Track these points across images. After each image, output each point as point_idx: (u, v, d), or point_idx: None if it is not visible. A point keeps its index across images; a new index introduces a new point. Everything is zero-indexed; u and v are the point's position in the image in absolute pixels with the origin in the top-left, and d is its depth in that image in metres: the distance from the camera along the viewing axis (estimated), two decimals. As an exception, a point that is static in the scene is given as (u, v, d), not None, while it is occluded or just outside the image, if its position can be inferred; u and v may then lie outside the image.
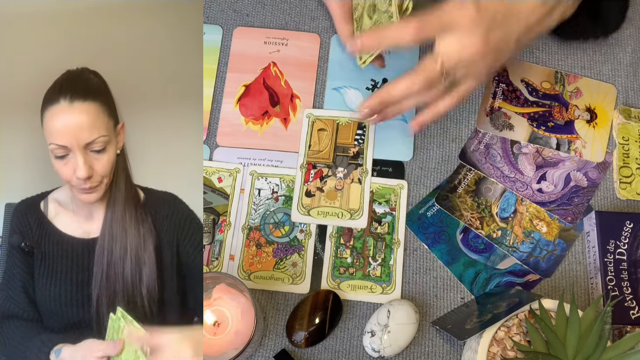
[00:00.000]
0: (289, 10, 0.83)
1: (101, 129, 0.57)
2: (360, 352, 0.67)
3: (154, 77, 0.76)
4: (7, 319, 0.60)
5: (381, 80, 0.79)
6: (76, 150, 0.56)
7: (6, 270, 0.61)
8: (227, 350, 0.59)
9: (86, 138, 0.56)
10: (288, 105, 0.78)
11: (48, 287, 0.60)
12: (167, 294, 0.60)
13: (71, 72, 0.59)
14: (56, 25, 0.75)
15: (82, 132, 0.55)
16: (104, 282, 0.58)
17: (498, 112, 0.77)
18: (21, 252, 0.61)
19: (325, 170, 0.74)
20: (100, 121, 0.57)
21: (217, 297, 0.61)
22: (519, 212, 0.72)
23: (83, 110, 0.55)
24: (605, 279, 0.68)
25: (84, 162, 0.56)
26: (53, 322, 0.60)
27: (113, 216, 0.59)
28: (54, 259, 0.60)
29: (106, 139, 0.57)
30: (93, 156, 0.57)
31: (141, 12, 0.77)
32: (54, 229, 0.61)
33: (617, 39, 0.81)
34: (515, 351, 0.59)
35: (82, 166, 0.55)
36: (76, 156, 0.56)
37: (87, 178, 0.56)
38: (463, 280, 0.70)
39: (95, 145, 0.56)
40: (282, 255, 0.71)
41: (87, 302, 0.59)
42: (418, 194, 0.74)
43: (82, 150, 0.56)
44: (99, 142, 0.56)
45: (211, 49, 0.80)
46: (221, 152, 0.76)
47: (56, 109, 0.56)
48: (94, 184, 0.57)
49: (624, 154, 0.75)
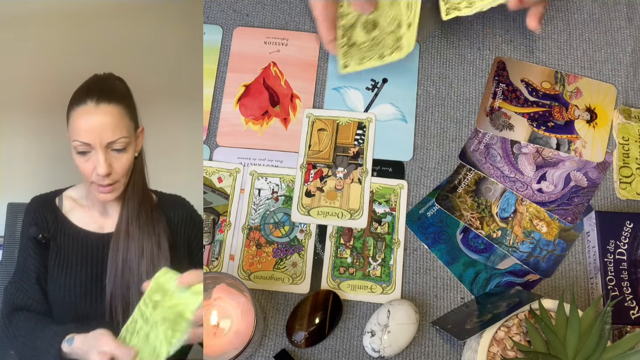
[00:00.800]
0: (289, 10, 0.83)
1: (123, 130, 0.60)
2: (360, 352, 0.67)
3: (154, 77, 0.77)
4: (18, 311, 0.61)
5: (381, 80, 0.79)
6: (98, 148, 0.59)
7: (19, 263, 0.63)
8: (227, 350, 0.59)
9: (109, 137, 0.59)
10: (288, 105, 0.78)
11: (63, 279, 0.62)
12: None
13: (98, 76, 0.62)
14: (57, 26, 0.76)
15: (106, 132, 0.59)
16: (119, 278, 0.60)
17: (498, 112, 0.77)
18: (36, 244, 0.63)
19: (325, 170, 0.75)
20: (123, 123, 0.60)
21: (217, 297, 0.61)
22: (519, 212, 0.72)
23: (108, 112, 0.59)
24: (605, 279, 0.68)
25: (105, 160, 0.59)
26: (64, 315, 0.62)
27: (129, 215, 0.62)
28: (69, 251, 0.63)
29: (127, 140, 0.60)
30: (113, 155, 0.60)
31: (141, 12, 0.77)
32: (69, 223, 0.64)
33: (617, 39, 0.81)
34: (515, 351, 0.59)
35: (103, 164, 0.59)
36: (97, 154, 0.59)
37: (107, 175, 0.59)
38: (463, 280, 0.70)
39: (117, 145, 0.60)
40: (282, 255, 0.71)
41: (100, 295, 0.61)
42: (418, 194, 0.74)
43: (103, 149, 0.59)
44: (120, 142, 0.60)
45: (211, 49, 0.80)
46: (221, 152, 0.76)
47: (83, 109, 0.59)
48: (111, 182, 0.60)
49: (624, 154, 0.75)
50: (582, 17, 0.82)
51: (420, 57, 0.80)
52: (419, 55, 0.80)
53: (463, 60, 0.80)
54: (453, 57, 0.80)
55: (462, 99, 0.78)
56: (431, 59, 0.80)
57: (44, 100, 0.75)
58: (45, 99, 0.75)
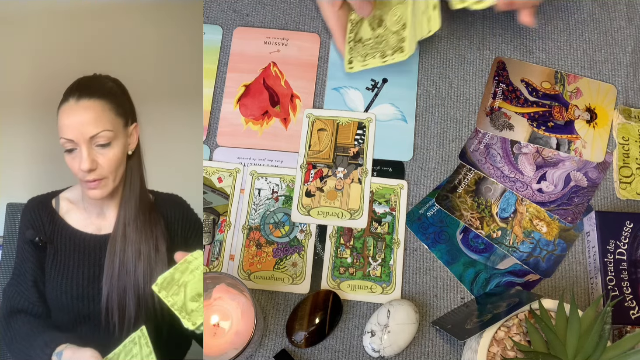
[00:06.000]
0: (289, 10, 0.83)
1: (106, 124, 0.60)
2: (360, 352, 0.67)
3: (153, 77, 0.76)
4: (16, 314, 0.61)
5: (381, 80, 0.79)
6: (82, 143, 0.59)
7: (17, 266, 0.63)
8: (227, 350, 0.59)
9: (90, 131, 0.59)
10: (288, 105, 0.78)
11: (59, 281, 0.61)
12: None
13: (87, 76, 0.63)
14: (56, 26, 0.75)
15: (87, 125, 0.59)
16: (115, 280, 0.60)
17: (498, 112, 0.77)
18: (33, 246, 0.63)
19: (325, 170, 0.74)
20: (106, 117, 0.60)
21: (217, 297, 0.61)
22: (519, 212, 0.72)
23: (88, 107, 0.60)
24: (605, 279, 0.68)
25: (88, 155, 0.59)
26: (62, 317, 0.61)
27: (126, 217, 0.62)
28: (66, 253, 0.62)
29: (110, 134, 0.60)
30: (98, 150, 0.60)
31: (141, 12, 0.77)
32: (65, 224, 0.64)
33: (617, 39, 0.81)
34: (515, 351, 0.59)
35: (86, 158, 0.59)
36: (81, 149, 0.59)
37: (90, 170, 0.60)
38: (463, 280, 0.70)
39: (99, 139, 0.60)
40: (282, 255, 0.71)
41: (97, 296, 0.61)
42: (418, 194, 0.74)
43: (86, 144, 0.59)
44: (102, 136, 0.60)
45: (211, 49, 0.80)
46: (221, 152, 0.76)
47: (66, 107, 0.60)
48: (97, 177, 0.60)
49: (624, 154, 0.75)
50: (582, 17, 0.82)
51: (420, 57, 0.80)
52: (419, 55, 0.80)
53: (463, 60, 0.80)
54: (453, 57, 0.80)
55: (462, 99, 0.78)
56: (431, 59, 0.80)
57: (43, 100, 0.75)
58: (45, 99, 0.75)
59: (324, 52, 0.80)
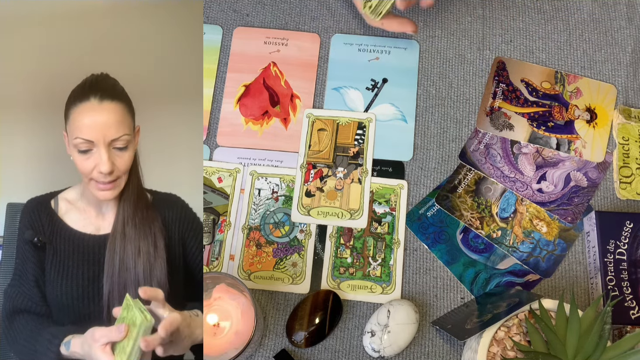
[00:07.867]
0: (289, 10, 0.83)
1: (126, 128, 0.60)
2: (360, 352, 0.67)
3: (153, 77, 0.76)
4: (19, 314, 0.61)
5: (381, 80, 0.79)
6: (101, 145, 0.59)
7: (17, 266, 0.63)
8: (227, 350, 0.59)
9: (112, 135, 0.59)
10: (288, 105, 0.78)
11: (60, 282, 0.61)
12: (174, 289, 0.62)
13: (97, 74, 0.62)
14: (56, 26, 0.75)
15: (110, 129, 0.59)
16: (116, 278, 0.60)
17: (498, 112, 0.77)
18: (33, 247, 0.63)
19: (325, 170, 0.75)
20: (126, 121, 0.60)
21: (217, 297, 0.61)
22: (519, 212, 0.72)
23: (112, 109, 0.59)
24: (605, 279, 0.68)
25: (108, 158, 0.59)
26: (63, 317, 0.61)
27: (125, 215, 0.62)
28: (66, 254, 0.62)
29: (129, 138, 0.60)
30: (115, 153, 0.60)
31: (141, 12, 0.77)
32: (64, 225, 0.63)
33: (617, 39, 0.81)
34: (515, 351, 0.59)
35: (106, 161, 0.59)
36: (100, 151, 0.59)
37: (109, 173, 0.59)
38: (463, 280, 0.70)
39: (119, 142, 0.60)
40: (282, 255, 0.71)
41: (98, 296, 0.61)
42: (418, 194, 0.74)
43: (106, 146, 0.59)
44: (123, 139, 0.60)
45: (211, 49, 0.80)
46: (221, 152, 0.76)
47: (86, 106, 0.59)
48: (113, 179, 0.60)
49: (624, 154, 0.75)
50: (582, 17, 0.82)
51: (420, 57, 0.80)
52: (419, 55, 0.80)
53: (463, 60, 0.80)
54: (453, 57, 0.80)
55: (462, 99, 0.78)
56: (431, 59, 0.80)
57: (43, 100, 0.75)
58: (45, 99, 0.75)
59: (324, 52, 0.80)
